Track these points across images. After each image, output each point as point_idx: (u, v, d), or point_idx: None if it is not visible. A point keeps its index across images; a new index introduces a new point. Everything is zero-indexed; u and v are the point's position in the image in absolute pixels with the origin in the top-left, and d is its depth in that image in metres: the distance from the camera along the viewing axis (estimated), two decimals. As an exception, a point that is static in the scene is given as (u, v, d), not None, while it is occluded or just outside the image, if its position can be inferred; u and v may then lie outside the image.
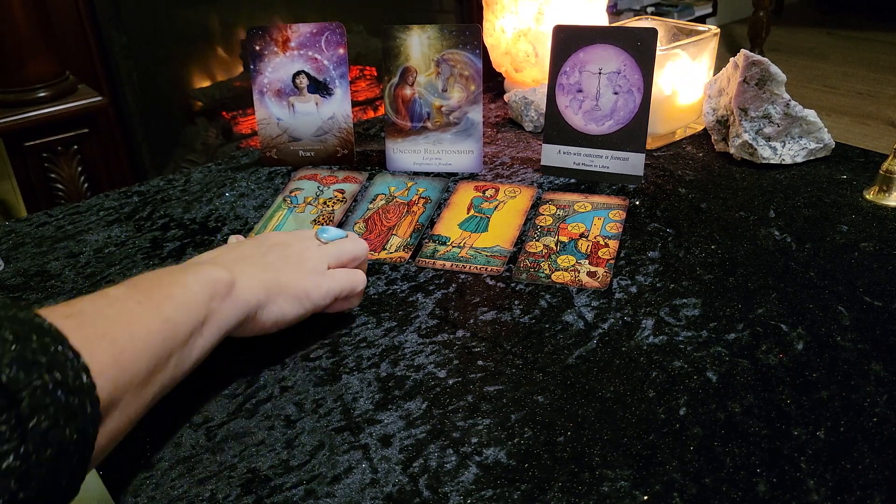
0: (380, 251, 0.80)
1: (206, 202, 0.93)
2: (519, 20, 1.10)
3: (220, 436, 0.57)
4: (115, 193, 0.96)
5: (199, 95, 2.21)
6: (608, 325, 0.66)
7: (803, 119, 0.90)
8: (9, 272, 0.80)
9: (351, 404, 0.59)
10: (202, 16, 2.19)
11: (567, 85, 0.91)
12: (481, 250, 0.79)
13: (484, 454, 0.54)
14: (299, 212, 0.89)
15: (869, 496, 0.48)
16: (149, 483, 0.54)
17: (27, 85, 1.56)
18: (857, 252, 0.74)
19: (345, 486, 0.52)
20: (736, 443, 0.53)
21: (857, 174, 0.88)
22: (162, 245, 0.84)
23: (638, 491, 0.50)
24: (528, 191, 0.89)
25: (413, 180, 0.94)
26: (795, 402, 0.56)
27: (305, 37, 0.96)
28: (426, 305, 0.71)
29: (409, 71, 0.93)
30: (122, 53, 1.94)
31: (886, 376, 0.58)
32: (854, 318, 0.65)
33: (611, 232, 0.80)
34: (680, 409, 0.56)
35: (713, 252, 0.76)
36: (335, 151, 0.99)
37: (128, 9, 1.96)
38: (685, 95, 0.99)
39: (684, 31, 1.02)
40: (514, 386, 0.60)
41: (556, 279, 0.73)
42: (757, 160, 0.91)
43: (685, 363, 0.61)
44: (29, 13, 1.53)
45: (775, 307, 0.67)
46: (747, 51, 0.90)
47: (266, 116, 0.99)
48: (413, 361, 0.64)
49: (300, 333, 0.68)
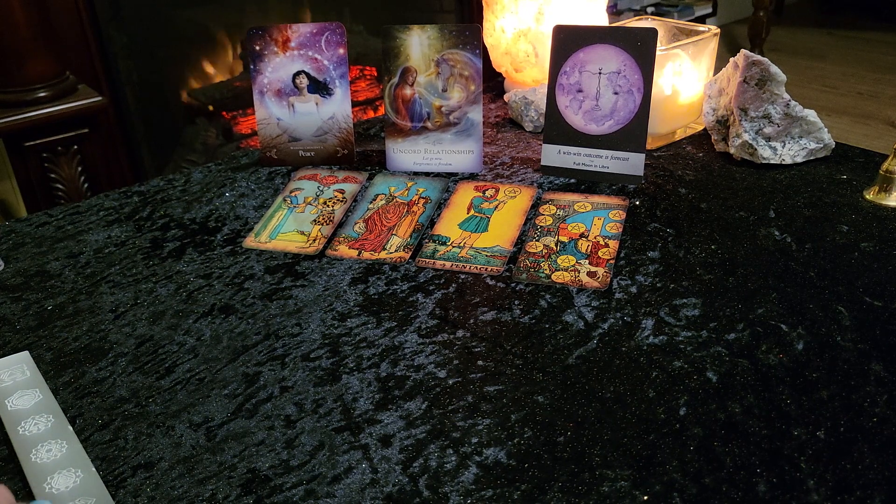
0: (380, 251, 0.80)
1: (206, 202, 0.93)
2: (519, 20, 1.10)
3: (220, 436, 0.57)
4: (115, 193, 0.96)
5: (199, 95, 2.21)
6: (608, 325, 0.66)
7: (803, 119, 0.90)
8: (9, 272, 0.80)
9: (351, 404, 0.59)
10: (202, 16, 2.19)
11: (567, 85, 0.91)
12: (481, 250, 0.79)
13: (484, 454, 0.54)
14: (299, 212, 0.88)
15: (869, 496, 0.48)
16: (149, 483, 0.54)
17: (27, 85, 1.56)
18: (857, 252, 0.74)
19: (345, 486, 0.52)
20: (736, 443, 0.53)
21: (857, 174, 0.88)
22: (162, 245, 0.84)
23: (638, 491, 0.50)
24: (528, 191, 0.89)
25: (413, 180, 0.94)
26: (795, 402, 0.56)
27: (305, 37, 0.96)
28: (426, 305, 0.71)
29: (409, 71, 0.93)
30: (122, 53, 1.94)
31: (886, 376, 0.58)
32: (854, 318, 0.65)
33: (611, 232, 0.80)
34: (680, 409, 0.56)
35: (713, 252, 0.75)
36: (335, 151, 0.99)
37: (128, 9, 1.96)
38: (685, 95, 0.99)
39: (684, 31, 1.02)
40: (514, 386, 0.60)
41: (556, 279, 0.73)
42: (757, 160, 0.91)
43: (685, 363, 0.61)
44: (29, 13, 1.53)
45: (775, 307, 0.67)
46: (747, 51, 0.90)
47: (266, 116, 0.99)
48: (413, 361, 0.64)
49: (300, 333, 0.68)
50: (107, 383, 0.64)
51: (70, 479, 0.53)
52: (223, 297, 0.74)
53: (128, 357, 0.67)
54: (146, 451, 0.56)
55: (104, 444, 0.57)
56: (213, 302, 0.74)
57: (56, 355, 0.68)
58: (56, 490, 0.52)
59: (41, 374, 0.65)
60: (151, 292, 0.76)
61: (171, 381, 0.64)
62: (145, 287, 0.77)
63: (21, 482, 0.54)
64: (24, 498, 0.40)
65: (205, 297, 0.74)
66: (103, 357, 0.67)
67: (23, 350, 0.68)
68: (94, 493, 0.52)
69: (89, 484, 0.53)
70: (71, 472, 0.54)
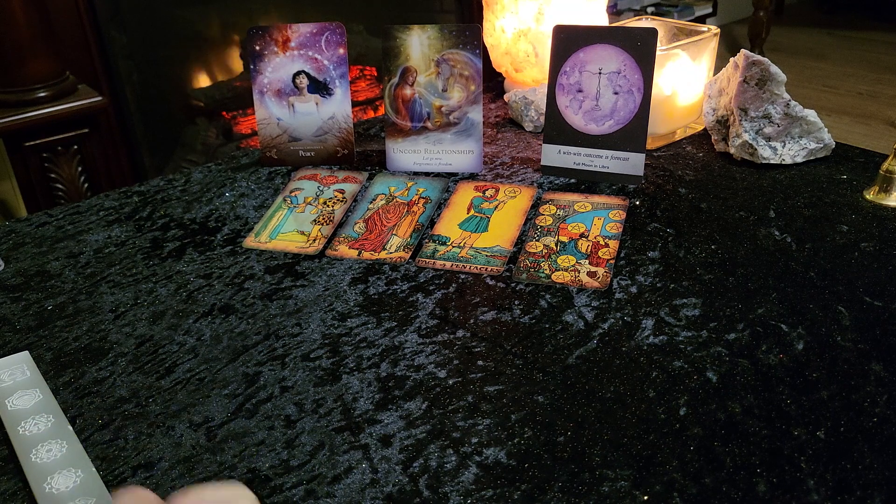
0: (380, 251, 0.80)
1: (206, 202, 0.93)
2: (519, 20, 1.10)
3: (220, 436, 0.57)
4: (115, 193, 0.96)
5: (199, 95, 2.21)
6: (608, 325, 0.66)
7: (803, 119, 0.90)
8: (9, 272, 0.80)
9: (351, 404, 0.59)
10: (202, 16, 2.19)
11: (567, 85, 0.91)
12: (481, 250, 0.79)
13: (484, 454, 0.54)
14: (299, 212, 0.88)
15: (869, 496, 0.48)
16: (149, 483, 0.54)
17: (27, 85, 1.56)
18: (857, 252, 0.74)
19: (345, 486, 0.52)
20: (736, 443, 0.53)
21: (857, 174, 0.88)
22: (162, 245, 0.84)
23: (638, 491, 0.50)
24: (528, 191, 0.89)
25: (413, 180, 0.94)
26: (795, 402, 0.56)
27: (305, 37, 0.96)
28: (426, 305, 0.71)
29: (409, 71, 0.93)
30: (122, 53, 1.94)
31: (886, 376, 0.58)
32: (854, 318, 0.65)
33: (611, 232, 0.80)
34: (680, 409, 0.56)
35: (713, 252, 0.75)
36: (335, 151, 0.99)
37: (128, 9, 1.96)
38: (685, 95, 0.99)
39: (684, 31, 1.02)
40: (514, 386, 0.60)
41: (556, 279, 0.73)
42: (757, 160, 0.91)
43: (685, 363, 0.61)
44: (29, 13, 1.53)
45: (775, 307, 0.67)
46: (747, 51, 0.90)
47: (266, 116, 0.99)
48: (413, 361, 0.64)
49: (300, 333, 0.68)
50: (107, 383, 0.64)
51: (70, 479, 0.53)
52: (223, 297, 0.74)
53: (128, 357, 0.67)
54: (146, 451, 0.56)
55: (104, 444, 0.57)
56: (214, 302, 0.74)
57: (56, 355, 0.68)
58: (56, 490, 0.52)
59: (41, 374, 0.65)
60: (151, 292, 0.76)
61: (171, 381, 0.64)
62: (145, 287, 0.77)
63: (21, 482, 0.54)
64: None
65: (205, 297, 0.74)
66: (103, 357, 0.67)
67: (23, 350, 0.68)
68: (94, 493, 0.52)
69: (89, 484, 0.53)
70: (71, 472, 0.54)
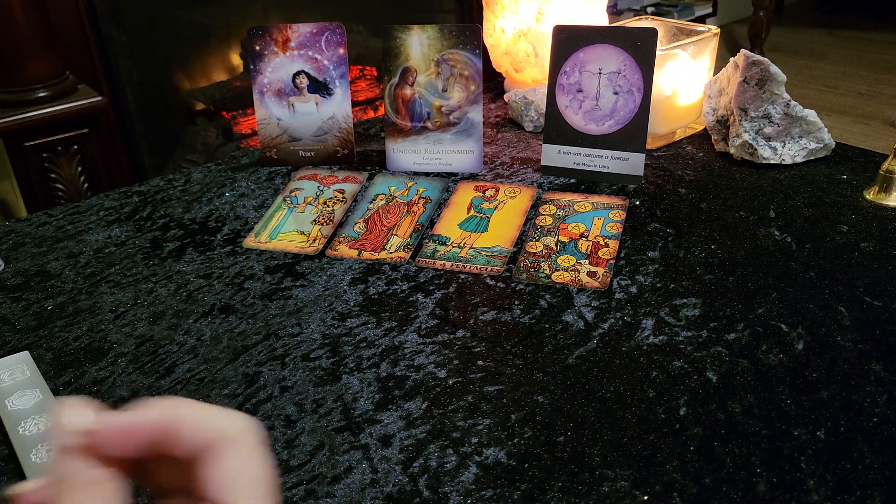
0: (380, 251, 0.80)
1: (206, 202, 0.93)
2: (519, 20, 1.10)
3: (220, 436, 0.57)
4: (115, 193, 0.96)
5: (199, 95, 2.21)
6: (608, 325, 0.66)
7: (803, 119, 0.90)
8: (9, 272, 0.80)
9: (351, 404, 0.59)
10: (202, 16, 2.19)
11: (567, 85, 0.91)
12: (481, 250, 0.79)
13: (484, 454, 0.54)
14: (299, 212, 0.88)
15: (869, 496, 0.48)
16: (149, 483, 0.54)
17: (27, 85, 1.56)
18: (857, 252, 0.74)
19: (345, 486, 0.52)
20: (736, 443, 0.53)
21: (857, 174, 0.88)
22: (162, 245, 0.84)
23: (638, 491, 0.50)
24: (528, 191, 0.89)
25: (413, 180, 0.93)
26: (795, 402, 0.56)
27: (305, 37, 0.96)
28: (426, 305, 0.71)
29: (409, 71, 0.93)
30: (122, 53, 1.94)
31: (886, 376, 0.58)
32: (854, 318, 0.65)
33: (611, 232, 0.80)
34: (680, 409, 0.56)
35: (713, 252, 0.75)
36: (335, 151, 0.99)
37: (128, 9, 1.96)
38: (685, 95, 0.99)
39: (684, 31, 1.02)
40: (514, 386, 0.60)
41: (556, 279, 0.73)
42: (757, 160, 0.91)
43: (685, 363, 0.61)
44: (29, 13, 1.53)
45: (775, 307, 0.67)
46: (747, 51, 0.90)
47: (266, 116, 0.99)
48: (413, 361, 0.64)
49: (300, 333, 0.68)
50: (107, 383, 0.64)
51: (70, 479, 0.53)
52: (223, 297, 0.74)
53: (128, 357, 0.67)
54: (146, 451, 0.56)
55: (104, 444, 0.57)
56: (214, 302, 0.74)
57: (56, 355, 0.68)
58: (56, 490, 0.52)
59: (41, 374, 0.65)
60: (151, 292, 0.76)
61: (171, 381, 0.64)
62: (145, 287, 0.77)
63: (21, 482, 0.54)
64: None
65: (205, 297, 0.74)
66: (103, 357, 0.67)
67: (23, 350, 0.68)
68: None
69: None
70: (71, 472, 0.54)
